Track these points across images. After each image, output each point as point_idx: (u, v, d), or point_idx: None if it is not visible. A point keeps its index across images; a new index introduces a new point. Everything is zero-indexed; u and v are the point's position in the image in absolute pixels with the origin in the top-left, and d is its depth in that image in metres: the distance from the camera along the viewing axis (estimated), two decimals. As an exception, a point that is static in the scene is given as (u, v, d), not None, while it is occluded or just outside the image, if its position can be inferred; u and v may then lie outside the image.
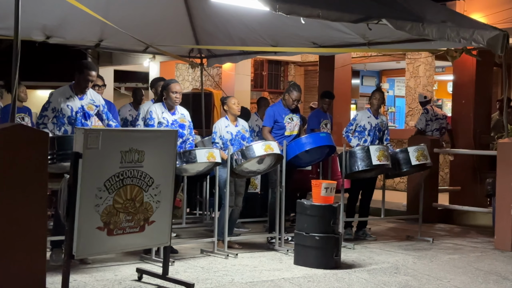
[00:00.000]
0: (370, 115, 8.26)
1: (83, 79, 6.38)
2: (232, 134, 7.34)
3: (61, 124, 6.32)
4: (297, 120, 7.82)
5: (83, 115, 6.41)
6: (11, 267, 4.62)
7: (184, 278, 5.76)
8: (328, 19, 6.27)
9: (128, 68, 17.42)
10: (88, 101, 6.50)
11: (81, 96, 6.44)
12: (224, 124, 7.38)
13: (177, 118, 6.91)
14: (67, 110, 6.31)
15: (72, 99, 6.37)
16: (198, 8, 9.45)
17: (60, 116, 6.31)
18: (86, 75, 6.36)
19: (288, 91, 7.77)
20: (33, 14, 7.66)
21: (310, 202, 6.68)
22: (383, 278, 6.19)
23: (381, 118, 8.37)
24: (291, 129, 7.77)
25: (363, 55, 14.50)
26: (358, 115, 8.36)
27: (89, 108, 6.48)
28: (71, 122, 6.33)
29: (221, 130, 7.31)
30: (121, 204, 5.12)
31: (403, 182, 12.79)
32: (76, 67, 6.43)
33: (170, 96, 6.86)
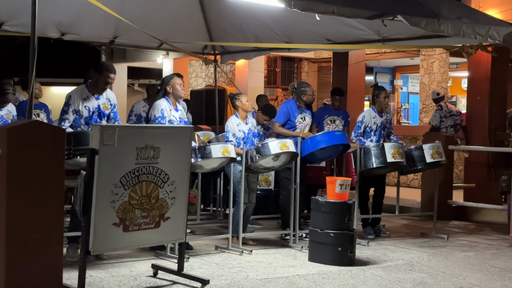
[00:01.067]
0: (375, 115, 8.19)
1: (102, 81, 6.38)
2: (245, 132, 7.34)
3: (79, 125, 6.34)
4: (309, 120, 7.83)
5: (98, 114, 6.44)
6: (29, 263, 4.65)
7: (199, 274, 5.78)
8: (344, 15, 6.25)
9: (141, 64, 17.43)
10: (104, 101, 6.51)
11: (97, 96, 6.45)
12: (236, 122, 7.37)
13: (180, 114, 6.89)
14: (84, 111, 6.33)
15: (89, 100, 6.39)
16: (212, 4, 9.45)
17: (77, 117, 6.33)
18: (105, 77, 6.36)
19: (301, 91, 7.74)
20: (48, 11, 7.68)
21: (325, 199, 6.68)
22: (398, 275, 6.18)
23: (386, 116, 8.32)
24: (301, 129, 7.76)
25: (377, 51, 14.43)
26: (364, 117, 8.18)
27: (105, 107, 6.50)
28: (87, 122, 6.35)
29: (234, 129, 7.31)
30: (136, 201, 5.14)
31: (417, 179, 12.75)
32: (95, 67, 6.43)
33: (177, 89, 6.80)
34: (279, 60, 16.91)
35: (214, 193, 9.15)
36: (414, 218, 9.74)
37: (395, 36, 8.47)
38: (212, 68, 11.76)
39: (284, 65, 17.02)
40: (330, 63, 15.04)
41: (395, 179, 10.27)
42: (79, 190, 4.94)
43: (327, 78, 16.32)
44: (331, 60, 14.21)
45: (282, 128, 7.67)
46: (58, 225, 4.86)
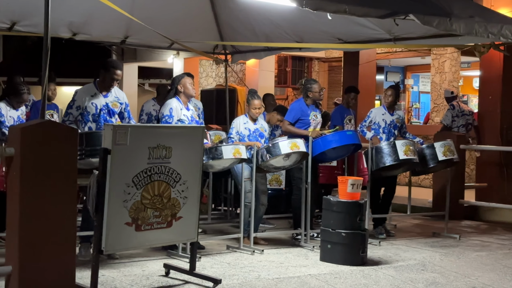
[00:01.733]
0: (385, 112, 8.19)
1: (109, 77, 6.41)
2: (250, 130, 7.34)
3: (86, 122, 6.36)
4: (320, 118, 7.82)
5: (107, 112, 6.45)
6: (42, 262, 4.67)
7: (211, 274, 5.78)
8: (355, 14, 6.24)
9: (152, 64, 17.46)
10: (113, 99, 6.53)
11: (105, 94, 6.47)
12: (243, 121, 7.39)
13: (191, 114, 6.90)
14: (91, 107, 6.36)
15: (97, 97, 6.41)
16: (223, 4, 9.46)
17: (85, 113, 6.36)
18: (112, 74, 6.39)
19: (308, 88, 7.72)
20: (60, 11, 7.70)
21: (337, 199, 6.66)
22: (410, 275, 6.16)
23: (397, 114, 8.30)
24: (315, 126, 7.74)
25: (388, 50, 14.40)
26: (372, 111, 8.29)
27: (114, 105, 6.52)
28: (95, 120, 6.37)
29: (239, 126, 7.32)
30: (149, 200, 5.15)
31: (428, 178, 12.70)
32: (102, 65, 6.47)
33: (188, 88, 6.81)
34: (290, 59, 16.90)
35: (225, 192, 9.16)
36: (426, 217, 9.70)
37: (407, 35, 8.44)
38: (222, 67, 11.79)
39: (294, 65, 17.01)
40: (340, 63, 15.01)
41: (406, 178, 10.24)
42: (91, 190, 4.95)
43: (338, 77, 16.30)
44: (342, 60, 14.18)
45: (291, 127, 7.64)
46: (71, 225, 4.88)
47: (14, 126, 5.25)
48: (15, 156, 4.59)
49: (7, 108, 7.04)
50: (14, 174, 4.61)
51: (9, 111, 7.05)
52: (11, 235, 4.69)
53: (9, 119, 6.99)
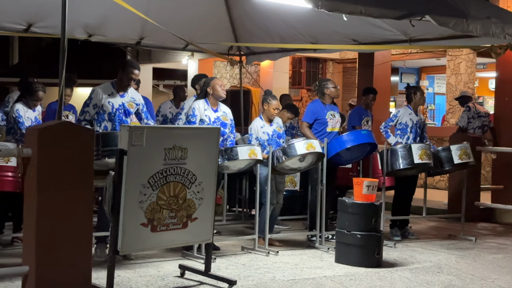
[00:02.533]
0: (411, 112, 8.17)
1: (126, 77, 6.44)
2: (269, 134, 7.33)
3: (101, 120, 6.39)
4: (338, 117, 7.79)
5: (123, 112, 6.47)
6: (58, 262, 4.69)
7: (226, 275, 5.78)
8: (371, 15, 6.21)
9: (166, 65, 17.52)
10: (129, 99, 6.56)
11: (122, 94, 6.50)
12: (259, 124, 7.37)
13: (220, 115, 6.93)
14: (108, 106, 6.39)
15: (113, 96, 6.44)
16: (238, 5, 9.46)
17: (101, 112, 6.39)
18: (129, 73, 6.43)
19: (323, 87, 7.71)
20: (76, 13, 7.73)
21: (352, 200, 6.65)
22: (426, 277, 6.13)
23: (420, 116, 8.29)
24: (333, 125, 7.71)
25: (403, 52, 14.35)
26: (399, 111, 8.23)
27: (130, 105, 6.55)
28: (111, 119, 6.40)
29: (257, 132, 7.31)
30: (164, 201, 5.16)
31: (444, 180, 12.64)
32: (119, 64, 6.50)
33: (217, 89, 6.86)
34: (304, 60, 16.88)
35: (239, 194, 9.16)
36: (441, 219, 9.65)
37: (422, 36, 8.39)
38: (237, 69, 11.78)
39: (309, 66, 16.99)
40: (355, 64, 14.98)
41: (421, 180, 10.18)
42: (108, 191, 4.97)
43: (352, 79, 16.26)
44: (357, 61, 14.15)
45: (308, 130, 7.63)
46: (87, 225, 4.89)
47: (31, 127, 5.29)
48: (32, 157, 4.62)
49: (25, 109, 7.08)
50: (31, 175, 4.64)
51: (27, 112, 7.09)
52: (28, 236, 4.72)
53: (26, 120, 7.03)
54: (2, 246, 6.80)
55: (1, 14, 8.13)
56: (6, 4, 7.92)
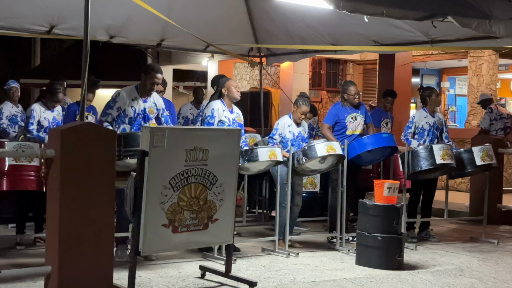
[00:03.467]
0: (426, 115, 8.09)
1: (150, 81, 6.46)
2: (294, 134, 7.32)
3: (121, 123, 6.42)
4: (360, 120, 7.71)
5: (143, 117, 6.50)
6: (81, 263, 4.73)
7: (246, 276, 5.79)
8: (392, 17, 6.19)
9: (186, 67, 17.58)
10: (151, 104, 6.58)
11: (145, 99, 6.53)
12: (287, 122, 7.36)
13: (235, 117, 6.93)
14: (130, 111, 6.41)
15: (137, 101, 6.47)
16: (258, 7, 9.47)
17: (122, 115, 6.42)
18: (152, 77, 6.44)
19: (344, 90, 7.68)
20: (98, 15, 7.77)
21: (373, 202, 6.61)
22: (447, 280, 6.08)
23: (438, 116, 8.21)
24: (353, 128, 7.67)
25: (424, 53, 14.26)
26: (415, 116, 8.13)
27: (150, 111, 6.57)
28: (131, 122, 6.43)
29: (283, 129, 7.30)
30: (185, 202, 5.18)
31: (465, 182, 12.54)
32: (142, 69, 6.52)
33: (232, 91, 6.85)
34: (324, 62, 16.84)
35: (259, 195, 9.16)
36: (463, 222, 9.57)
37: (444, 37, 8.34)
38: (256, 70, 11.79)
39: (329, 67, 16.95)
40: (375, 65, 14.91)
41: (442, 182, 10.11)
42: (129, 191, 4.99)
43: (373, 80, 16.19)
44: (377, 62, 14.09)
45: (328, 132, 7.61)
46: (109, 225, 4.93)
47: (54, 128, 5.34)
48: (55, 157, 4.66)
49: (42, 109, 7.11)
50: (54, 175, 4.68)
51: (44, 112, 7.12)
52: (51, 236, 4.76)
53: (43, 121, 7.06)
54: (24, 246, 6.86)
55: (24, 16, 8.20)
56: (29, 6, 7.99)
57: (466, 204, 10.12)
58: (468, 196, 10.15)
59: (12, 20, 8.22)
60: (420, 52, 14.13)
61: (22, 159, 6.26)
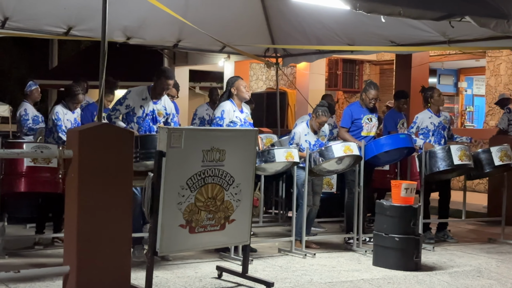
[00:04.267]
0: (431, 115, 8.05)
1: (160, 86, 6.50)
2: (310, 143, 7.26)
3: (130, 122, 6.47)
4: (375, 122, 7.70)
5: (152, 118, 6.53)
6: (99, 263, 4.75)
7: (263, 277, 5.78)
8: (410, 17, 6.17)
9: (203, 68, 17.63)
10: (161, 107, 6.62)
11: (155, 101, 6.55)
12: (304, 131, 7.31)
13: (245, 116, 6.92)
14: (139, 110, 6.45)
15: (147, 101, 6.50)
16: (275, 7, 9.48)
17: (131, 114, 6.46)
18: (162, 83, 6.48)
19: (365, 90, 7.67)
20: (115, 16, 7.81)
21: (390, 203, 6.59)
22: (465, 281, 6.05)
23: (444, 115, 8.15)
24: (368, 129, 7.64)
25: (441, 53, 14.18)
26: (418, 117, 8.10)
27: (159, 114, 6.60)
28: (139, 122, 6.46)
29: (299, 139, 7.26)
30: (202, 202, 5.19)
31: (483, 183, 12.45)
32: (155, 72, 6.54)
33: (241, 90, 6.84)
34: (341, 62, 16.79)
35: (276, 196, 9.16)
36: (481, 223, 9.51)
37: (462, 37, 8.30)
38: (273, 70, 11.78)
39: (345, 68, 16.89)
40: (392, 65, 14.84)
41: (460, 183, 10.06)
42: (146, 192, 5.01)
43: (389, 80, 16.12)
44: (394, 62, 14.02)
45: (347, 134, 7.59)
46: (126, 226, 4.94)
47: (72, 129, 5.36)
48: (73, 158, 4.68)
49: (64, 111, 7.18)
50: (72, 176, 4.70)
51: (66, 114, 7.18)
52: (69, 236, 4.79)
53: (66, 122, 7.12)
54: (43, 246, 6.91)
55: (42, 17, 8.28)
56: (46, 8, 8.06)
57: (484, 205, 10.05)
58: (486, 197, 10.07)
59: (30, 22, 8.30)
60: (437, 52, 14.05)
61: (39, 161, 6.31)
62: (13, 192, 6.54)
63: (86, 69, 13.99)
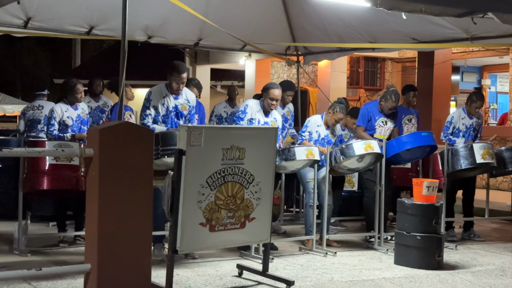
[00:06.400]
0: (464, 116, 7.97)
1: (173, 81, 6.48)
2: (320, 135, 7.25)
3: (156, 122, 6.47)
4: (390, 125, 7.63)
5: (176, 114, 6.54)
6: (120, 261, 4.76)
7: (283, 275, 5.77)
8: (431, 13, 6.11)
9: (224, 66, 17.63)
10: (183, 101, 6.61)
11: (176, 96, 6.56)
12: (317, 122, 7.31)
13: (269, 121, 6.91)
14: (162, 108, 6.47)
15: (168, 98, 6.51)
16: (296, 5, 9.46)
17: (156, 114, 6.46)
18: (175, 77, 6.45)
19: (385, 97, 7.55)
20: (136, 15, 7.90)
21: (411, 201, 6.54)
22: (488, 280, 5.98)
23: (475, 119, 8.05)
24: (381, 132, 7.58)
25: (464, 50, 14.04)
26: (453, 117, 8.03)
27: (183, 108, 6.60)
28: (164, 121, 6.48)
29: (312, 127, 7.27)
30: (222, 201, 5.19)
31: (507, 181, 12.32)
32: (167, 69, 6.55)
33: (267, 101, 6.87)
34: (362, 60, 16.72)
35: (297, 194, 9.14)
36: (505, 221, 9.40)
37: (485, 34, 8.21)
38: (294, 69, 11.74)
39: (367, 65, 16.82)
40: (414, 63, 14.75)
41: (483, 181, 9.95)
42: (166, 190, 5.02)
43: (412, 78, 16.02)
44: (416, 60, 13.93)
45: (364, 133, 7.55)
46: (147, 224, 4.94)
47: (93, 127, 5.38)
48: (94, 156, 4.70)
49: (64, 108, 7.12)
50: (93, 174, 4.72)
51: (66, 111, 7.13)
52: (90, 234, 4.80)
53: (67, 120, 7.10)
54: (68, 244, 6.96)
55: (64, 17, 8.35)
56: (68, 8, 8.13)
57: (508, 204, 9.94)
58: (510, 195, 9.96)
59: (53, 22, 8.38)
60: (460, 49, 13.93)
61: (62, 159, 6.36)
62: (36, 190, 6.60)
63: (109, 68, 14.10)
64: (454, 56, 14.24)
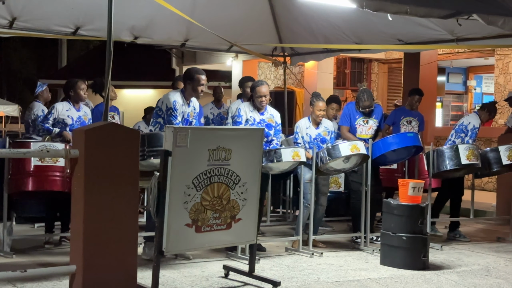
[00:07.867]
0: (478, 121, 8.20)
1: (197, 85, 6.41)
2: (311, 136, 7.27)
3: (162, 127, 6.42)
4: (372, 124, 7.62)
5: (185, 122, 6.51)
6: (105, 262, 4.75)
7: (270, 276, 5.78)
8: (417, 15, 6.15)
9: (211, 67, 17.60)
10: (192, 109, 6.61)
11: (188, 104, 6.55)
12: (305, 125, 7.32)
13: (265, 118, 6.92)
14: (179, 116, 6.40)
15: (185, 106, 6.48)
16: (282, 6, 9.47)
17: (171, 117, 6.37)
18: (200, 80, 6.40)
19: (359, 98, 7.54)
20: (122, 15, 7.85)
21: (397, 202, 6.56)
22: (473, 280, 6.02)
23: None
24: (362, 132, 7.58)
25: (450, 51, 14.12)
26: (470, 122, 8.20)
27: (191, 115, 6.60)
28: None
29: (302, 131, 7.28)
30: (208, 202, 5.19)
31: (492, 182, 12.39)
32: (185, 76, 6.48)
33: (257, 99, 6.88)
34: (349, 61, 16.78)
35: (283, 195, 9.14)
36: (489, 222, 9.46)
37: (470, 35, 8.27)
38: (281, 69, 11.76)
39: (353, 66, 16.88)
40: (400, 64, 14.82)
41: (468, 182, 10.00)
42: (152, 191, 5.02)
43: (398, 79, 16.09)
44: (402, 61, 13.99)
45: (349, 134, 7.56)
46: (133, 225, 4.94)
47: (78, 128, 5.37)
48: (80, 157, 4.69)
49: (66, 106, 7.09)
50: (78, 175, 4.71)
51: (68, 110, 7.11)
52: (75, 235, 4.79)
53: (67, 119, 7.07)
54: (53, 245, 6.92)
55: (50, 17, 8.31)
56: (54, 8, 8.09)
57: (493, 204, 10.00)
58: (495, 195, 10.03)
59: (39, 22, 8.33)
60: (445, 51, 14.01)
61: (47, 160, 6.32)
62: (21, 191, 6.56)
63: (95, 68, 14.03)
64: (440, 57, 14.32)
